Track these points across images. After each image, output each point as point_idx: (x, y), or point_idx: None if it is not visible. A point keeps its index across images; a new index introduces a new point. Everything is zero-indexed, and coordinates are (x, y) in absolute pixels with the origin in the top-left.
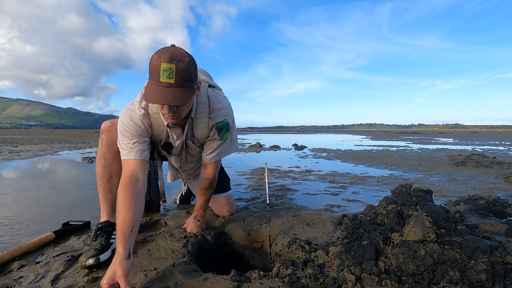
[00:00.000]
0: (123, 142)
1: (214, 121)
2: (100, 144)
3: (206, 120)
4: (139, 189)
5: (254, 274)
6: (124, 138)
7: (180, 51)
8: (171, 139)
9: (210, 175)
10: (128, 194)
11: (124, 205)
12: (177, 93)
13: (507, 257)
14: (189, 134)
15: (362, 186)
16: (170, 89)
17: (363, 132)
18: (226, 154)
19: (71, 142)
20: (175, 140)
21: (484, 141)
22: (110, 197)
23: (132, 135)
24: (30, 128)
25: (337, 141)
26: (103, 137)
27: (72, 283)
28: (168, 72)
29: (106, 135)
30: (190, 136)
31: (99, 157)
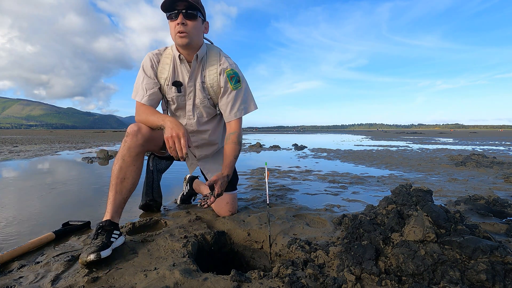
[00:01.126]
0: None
1: (223, 66)
2: (123, 146)
3: (217, 67)
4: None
5: (254, 274)
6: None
7: None
8: (181, 77)
9: (235, 129)
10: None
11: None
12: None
13: (507, 257)
14: (201, 78)
15: (362, 186)
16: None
17: (363, 132)
18: (246, 109)
19: (71, 142)
20: (184, 78)
21: (484, 141)
22: (119, 198)
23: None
24: (30, 128)
25: (337, 141)
26: (127, 140)
27: (72, 283)
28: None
29: (130, 138)
30: (202, 81)
31: (118, 157)
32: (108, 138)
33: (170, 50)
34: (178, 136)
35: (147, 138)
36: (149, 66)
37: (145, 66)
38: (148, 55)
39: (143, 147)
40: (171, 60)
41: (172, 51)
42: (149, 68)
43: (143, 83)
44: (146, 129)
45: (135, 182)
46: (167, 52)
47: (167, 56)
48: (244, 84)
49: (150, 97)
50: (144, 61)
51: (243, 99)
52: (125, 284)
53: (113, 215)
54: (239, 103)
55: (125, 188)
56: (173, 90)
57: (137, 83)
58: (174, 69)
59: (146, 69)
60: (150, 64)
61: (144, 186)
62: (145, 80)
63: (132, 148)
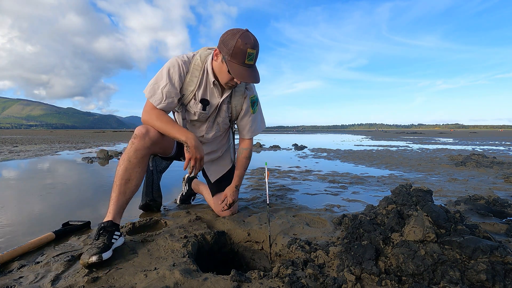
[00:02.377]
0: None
1: (249, 92)
2: (129, 147)
3: (242, 91)
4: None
5: (254, 274)
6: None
7: (255, 37)
8: (209, 95)
9: (248, 146)
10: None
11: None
12: (256, 72)
13: (507, 257)
14: (227, 99)
15: (362, 186)
16: (251, 69)
17: (363, 132)
18: (260, 129)
19: (71, 142)
20: (212, 98)
21: (484, 141)
22: (122, 199)
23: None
24: (30, 128)
25: (337, 141)
26: (134, 141)
27: (72, 283)
28: (251, 57)
29: (138, 140)
30: (227, 102)
31: (124, 158)
32: (108, 138)
33: (199, 62)
34: (201, 158)
35: (154, 141)
36: (177, 74)
37: (172, 73)
38: (177, 61)
39: (149, 149)
40: (200, 73)
41: (203, 65)
42: (176, 76)
43: (165, 89)
44: (154, 133)
45: (138, 183)
46: (196, 63)
47: (196, 68)
48: (259, 108)
49: (167, 105)
50: (171, 66)
51: (258, 121)
52: (125, 284)
53: (115, 216)
54: (255, 125)
55: (129, 189)
56: (199, 106)
57: (157, 83)
58: (201, 84)
59: (173, 77)
60: (179, 73)
61: (144, 186)
62: (167, 87)
63: (139, 150)
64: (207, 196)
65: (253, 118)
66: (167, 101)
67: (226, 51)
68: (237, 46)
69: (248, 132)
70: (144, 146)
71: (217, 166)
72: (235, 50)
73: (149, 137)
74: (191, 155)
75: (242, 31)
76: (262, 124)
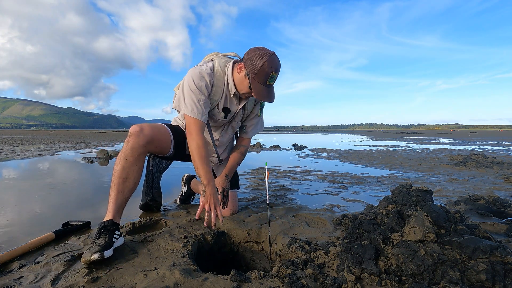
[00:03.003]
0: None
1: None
2: (125, 146)
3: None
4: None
5: (254, 274)
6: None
7: (279, 62)
8: (229, 103)
9: (247, 144)
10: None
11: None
12: (273, 92)
13: (507, 257)
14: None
15: (362, 186)
16: (270, 89)
17: (363, 132)
18: (260, 131)
19: (71, 142)
20: (232, 106)
21: (484, 141)
22: (120, 197)
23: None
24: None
25: (337, 141)
26: (129, 140)
27: (72, 283)
28: (273, 79)
29: (133, 139)
30: (243, 108)
31: (120, 157)
32: (108, 138)
33: (220, 72)
34: (215, 205)
35: (149, 139)
36: (205, 88)
37: (201, 86)
38: (202, 75)
39: (145, 147)
40: (224, 84)
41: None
42: (204, 90)
43: (201, 102)
44: (148, 131)
45: (136, 182)
46: (218, 73)
47: (219, 78)
48: (262, 114)
49: (206, 116)
50: (199, 80)
51: (259, 125)
52: (125, 284)
53: (115, 215)
54: (257, 127)
55: (127, 188)
56: (221, 115)
57: (191, 99)
58: (224, 94)
59: (203, 90)
60: (206, 86)
61: (144, 186)
62: (202, 100)
63: (134, 148)
64: None
65: (257, 120)
66: (205, 111)
67: (251, 69)
68: (263, 68)
69: (251, 132)
70: (139, 144)
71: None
72: (260, 71)
73: (143, 134)
74: (205, 202)
75: (270, 54)
76: (262, 126)
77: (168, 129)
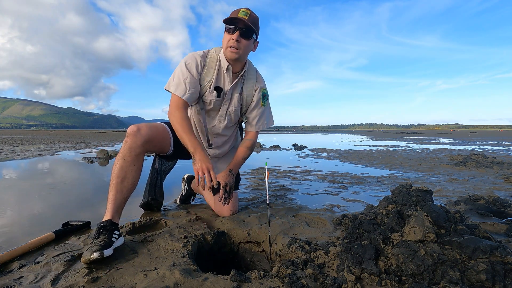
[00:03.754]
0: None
1: (259, 84)
2: (123, 146)
3: (254, 82)
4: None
5: (254, 274)
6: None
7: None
8: (222, 83)
9: (252, 137)
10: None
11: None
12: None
13: (507, 257)
14: (239, 88)
15: (362, 186)
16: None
17: (363, 132)
18: (268, 124)
19: (71, 142)
20: (225, 85)
21: (484, 141)
22: (119, 197)
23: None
24: (30, 128)
25: (337, 141)
26: (127, 140)
27: (72, 283)
28: (245, 12)
29: (130, 139)
30: (240, 91)
31: (119, 157)
32: (108, 138)
33: (214, 55)
34: (208, 168)
35: (146, 139)
36: (194, 67)
37: (190, 66)
38: (194, 56)
39: (143, 147)
40: (216, 64)
41: (218, 57)
42: (194, 69)
43: (186, 80)
44: (145, 130)
45: (135, 182)
46: (212, 56)
47: (212, 60)
48: (269, 103)
49: (191, 96)
50: (190, 60)
51: (267, 116)
52: (125, 284)
53: (114, 215)
54: (263, 119)
55: (125, 187)
56: (214, 94)
57: (178, 78)
58: (218, 74)
59: (191, 69)
60: (196, 66)
61: (147, 184)
62: (189, 78)
63: (132, 148)
64: (207, 196)
65: (262, 111)
66: (191, 91)
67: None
68: (233, 11)
69: (256, 125)
70: (137, 144)
71: (223, 163)
72: (231, 14)
73: (141, 134)
74: (197, 168)
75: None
76: (271, 120)
77: (167, 127)
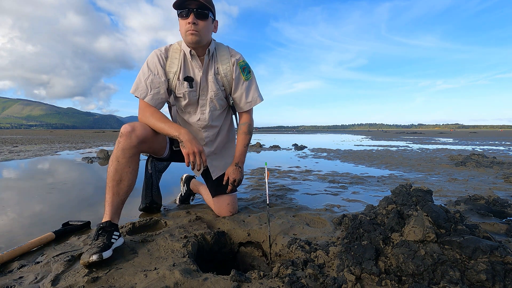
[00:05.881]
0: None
1: (234, 57)
2: (117, 147)
3: (228, 57)
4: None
5: (254, 274)
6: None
7: None
8: (191, 72)
9: (247, 120)
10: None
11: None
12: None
13: (507, 257)
14: (214, 69)
15: (362, 186)
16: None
17: (363, 132)
18: (257, 100)
19: (71, 142)
20: (195, 73)
21: (484, 141)
22: (116, 200)
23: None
24: (30, 128)
25: (337, 141)
26: (120, 141)
27: (72, 283)
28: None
29: (124, 139)
30: (215, 73)
31: (112, 159)
32: (108, 138)
33: (177, 46)
34: (199, 151)
35: (141, 139)
36: (156, 62)
37: (150, 63)
38: (154, 52)
39: (137, 148)
40: (180, 55)
41: (181, 47)
42: (156, 65)
43: (147, 80)
44: (140, 130)
45: (132, 183)
46: (175, 47)
47: (175, 51)
48: (253, 75)
49: (153, 97)
50: (150, 58)
51: (254, 92)
52: (125, 284)
53: (113, 216)
54: (251, 94)
55: (122, 190)
56: (185, 85)
57: (139, 78)
58: (184, 64)
59: (152, 66)
60: (157, 61)
61: (144, 189)
62: (150, 77)
63: (126, 149)
64: (206, 196)
65: (247, 86)
66: (153, 92)
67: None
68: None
69: (246, 104)
70: (131, 145)
71: (220, 160)
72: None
73: (135, 134)
74: (187, 150)
75: None
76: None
77: None
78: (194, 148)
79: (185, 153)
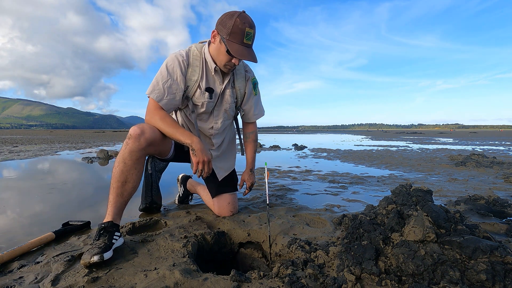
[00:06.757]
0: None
1: (249, 74)
2: (124, 148)
3: (243, 74)
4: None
5: (254, 274)
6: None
7: (251, 19)
8: (212, 83)
9: (253, 129)
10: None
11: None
12: (254, 53)
13: (507, 257)
14: (231, 83)
15: (362, 186)
16: (250, 49)
17: (363, 132)
18: (262, 112)
19: (71, 142)
20: (216, 85)
21: (484, 141)
22: (120, 200)
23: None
24: (30, 128)
25: (337, 141)
26: (128, 142)
27: (72, 283)
28: (249, 36)
29: (132, 141)
30: (231, 86)
31: (119, 160)
32: (108, 138)
33: (197, 52)
34: (208, 160)
35: (149, 142)
36: (177, 68)
37: (170, 68)
38: (176, 56)
39: (145, 151)
40: (200, 62)
41: (201, 54)
42: (175, 70)
43: (166, 84)
44: (149, 133)
45: (136, 184)
46: (195, 54)
47: (196, 58)
48: (259, 92)
49: (168, 102)
50: (171, 61)
51: (260, 106)
52: (125, 284)
53: (115, 217)
54: (258, 108)
55: (126, 191)
56: (206, 95)
57: (157, 81)
58: (206, 74)
59: (172, 71)
60: (179, 67)
61: (143, 189)
62: (169, 82)
63: (134, 151)
64: (205, 197)
65: (255, 100)
66: (169, 97)
67: (225, 32)
68: (236, 25)
69: (254, 115)
70: (139, 147)
71: (224, 162)
72: (234, 29)
73: (144, 137)
74: (198, 159)
75: (239, 12)
76: (263, 108)
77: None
78: (204, 157)
79: (195, 161)
